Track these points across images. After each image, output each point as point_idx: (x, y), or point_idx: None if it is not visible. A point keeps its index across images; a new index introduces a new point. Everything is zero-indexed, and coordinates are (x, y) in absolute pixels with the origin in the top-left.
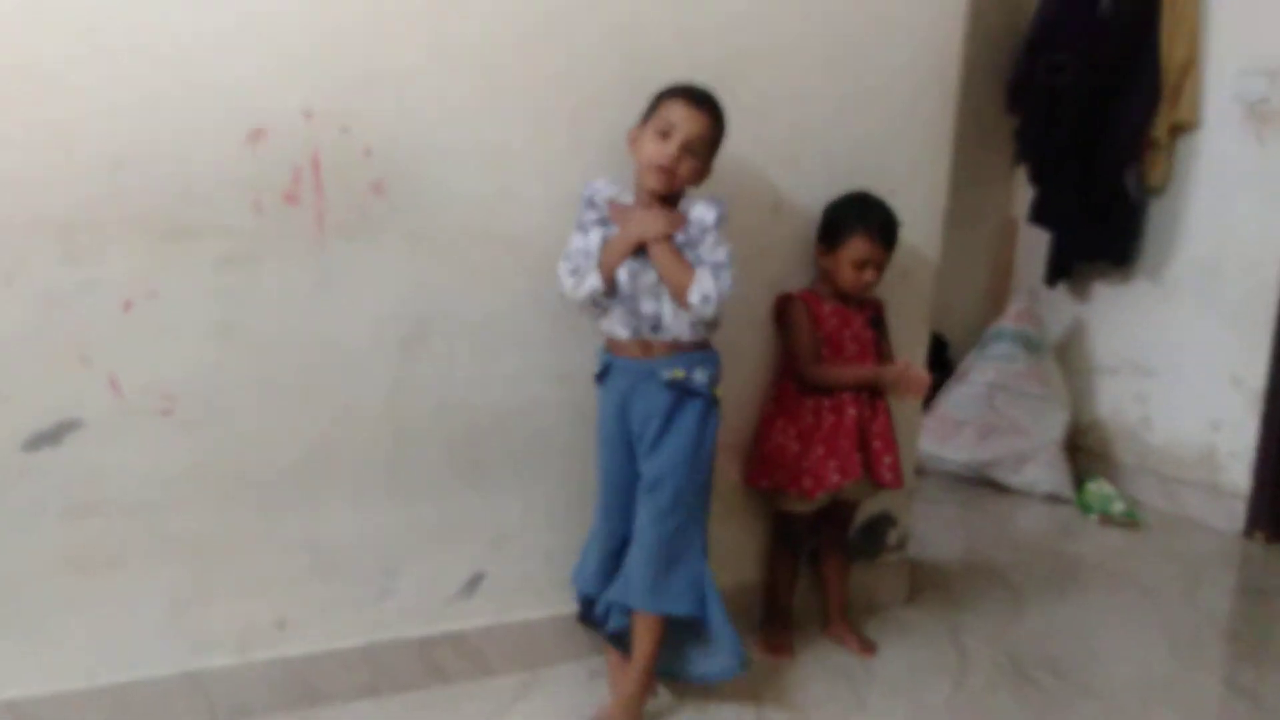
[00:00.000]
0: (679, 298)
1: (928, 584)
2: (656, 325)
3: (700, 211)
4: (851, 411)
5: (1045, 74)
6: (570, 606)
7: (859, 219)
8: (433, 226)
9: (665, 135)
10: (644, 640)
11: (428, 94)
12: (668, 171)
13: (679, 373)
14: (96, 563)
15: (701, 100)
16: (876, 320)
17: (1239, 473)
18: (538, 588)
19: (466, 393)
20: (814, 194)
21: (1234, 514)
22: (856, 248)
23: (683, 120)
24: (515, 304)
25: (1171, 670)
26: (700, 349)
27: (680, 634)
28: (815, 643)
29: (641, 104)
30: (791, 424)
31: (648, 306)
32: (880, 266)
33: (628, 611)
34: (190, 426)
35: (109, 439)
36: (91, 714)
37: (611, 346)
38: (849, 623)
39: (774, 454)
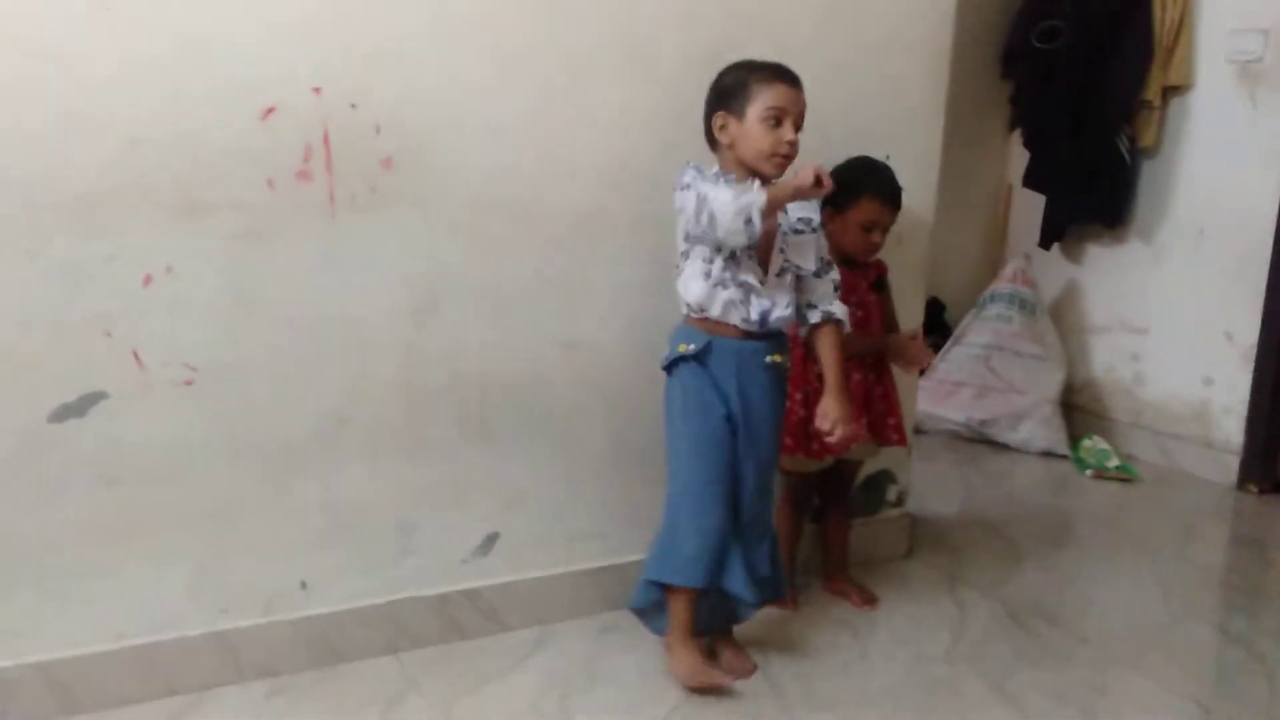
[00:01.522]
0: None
1: (927, 539)
2: (781, 328)
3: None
4: (856, 376)
5: (1038, 39)
6: (579, 564)
7: (869, 181)
8: (442, 200)
9: (778, 121)
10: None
11: (435, 69)
12: (791, 159)
13: (778, 357)
14: (123, 529)
15: (796, 78)
16: (880, 283)
17: (1231, 427)
18: (550, 545)
19: (477, 360)
20: (809, 158)
21: (1227, 467)
22: (865, 210)
23: (790, 103)
24: (524, 274)
25: (1165, 619)
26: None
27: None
28: (818, 597)
29: (643, 71)
30: (798, 388)
31: (781, 308)
32: (886, 230)
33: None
34: (210, 396)
35: (132, 410)
36: (122, 674)
37: (709, 326)
38: (850, 577)
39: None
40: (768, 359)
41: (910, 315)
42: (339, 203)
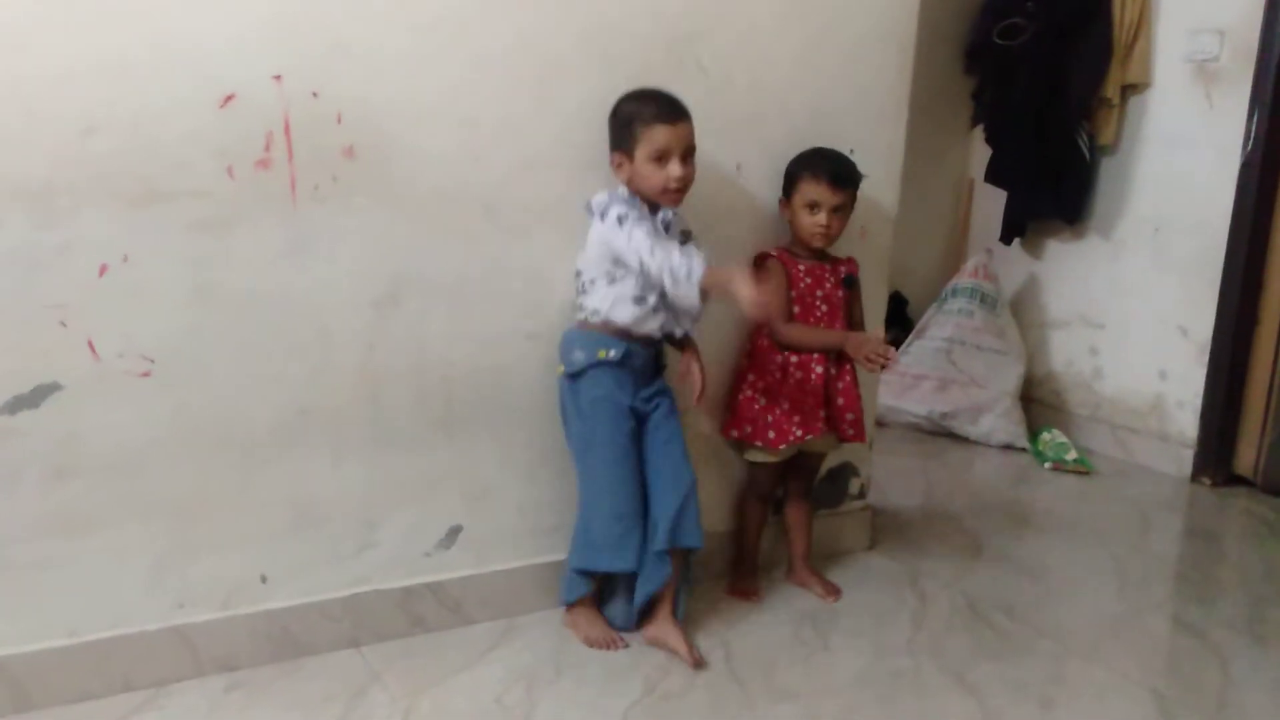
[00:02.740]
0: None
1: (888, 531)
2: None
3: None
4: (818, 370)
5: (1000, 36)
6: (545, 556)
7: (806, 163)
8: (404, 190)
9: (664, 160)
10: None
11: (397, 59)
12: (684, 190)
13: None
14: (79, 522)
15: (678, 113)
16: (850, 280)
17: (1186, 421)
18: (513, 539)
19: (440, 351)
20: (775, 155)
21: (1182, 460)
22: (805, 191)
23: (674, 141)
24: (486, 265)
25: (1122, 610)
26: None
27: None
28: (780, 588)
29: (609, 64)
30: (760, 378)
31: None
32: (836, 211)
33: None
34: (168, 387)
35: (88, 401)
36: (77, 669)
37: (626, 335)
38: (812, 568)
39: (742, 407)
40: (656, 353)
41: (873, 309)
42: (300, 192)
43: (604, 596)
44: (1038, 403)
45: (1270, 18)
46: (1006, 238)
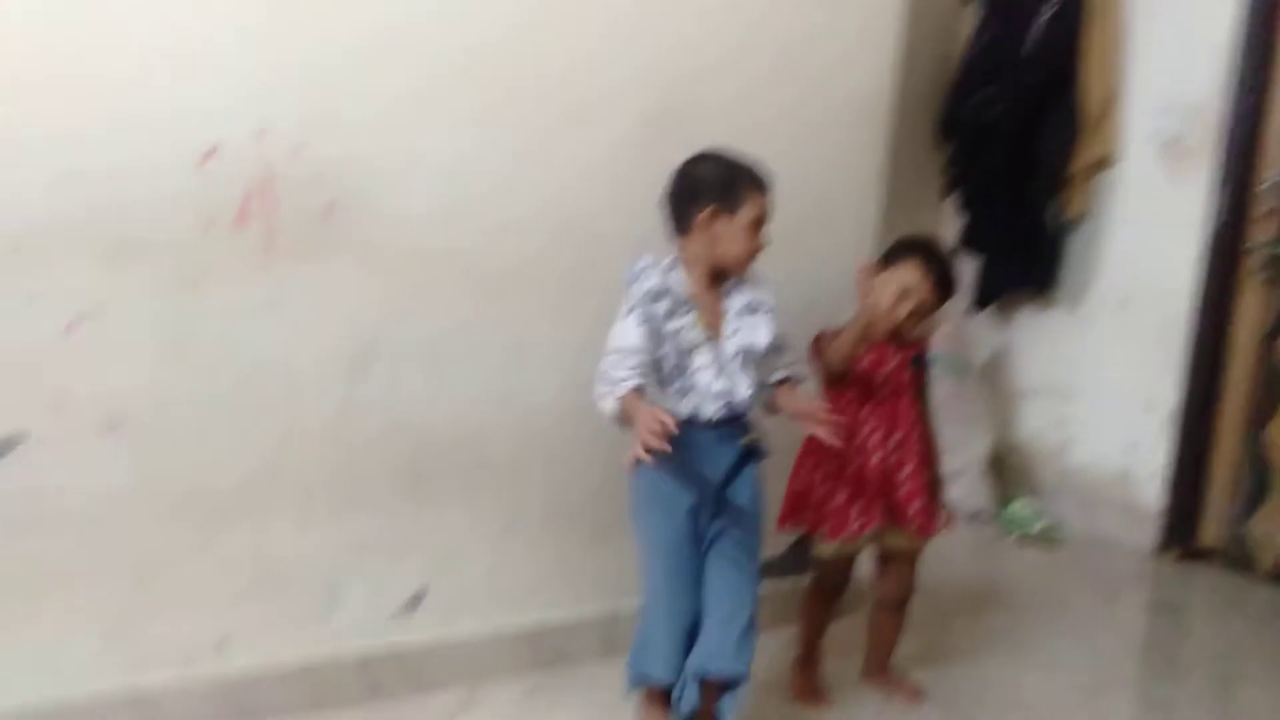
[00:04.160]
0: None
1: (859, 602)
2: (748, 408)
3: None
4: (877, 457)
5: (974, 108)
6: (511, 622)
7: (919, 251)
8: (383, 247)
9: (758, 228)
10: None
11: (379, 117)
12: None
13: (754, 437)
14: (37, 580)
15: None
16: (918, 359)
17: (1153, 493)
18: (479, 604)
19: (413, 412)
20: None
21: (1149, 532)
22: (903, 275)
23: (769, 212)
24: (463, 323)
25: (1090, 685)
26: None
27: None
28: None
29: (593, 131)
30: (819, 465)
31: (743, 389)
32: (923, 307)
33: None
34: (135, 444)
35: (53, 456)
36: None
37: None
38: (891, 671)
39: (800, 494)
40: (741, 441)
41: None
42: (277, 249)
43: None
44: (1007, 471)
45: (1233, 100)
46: (978, 306)
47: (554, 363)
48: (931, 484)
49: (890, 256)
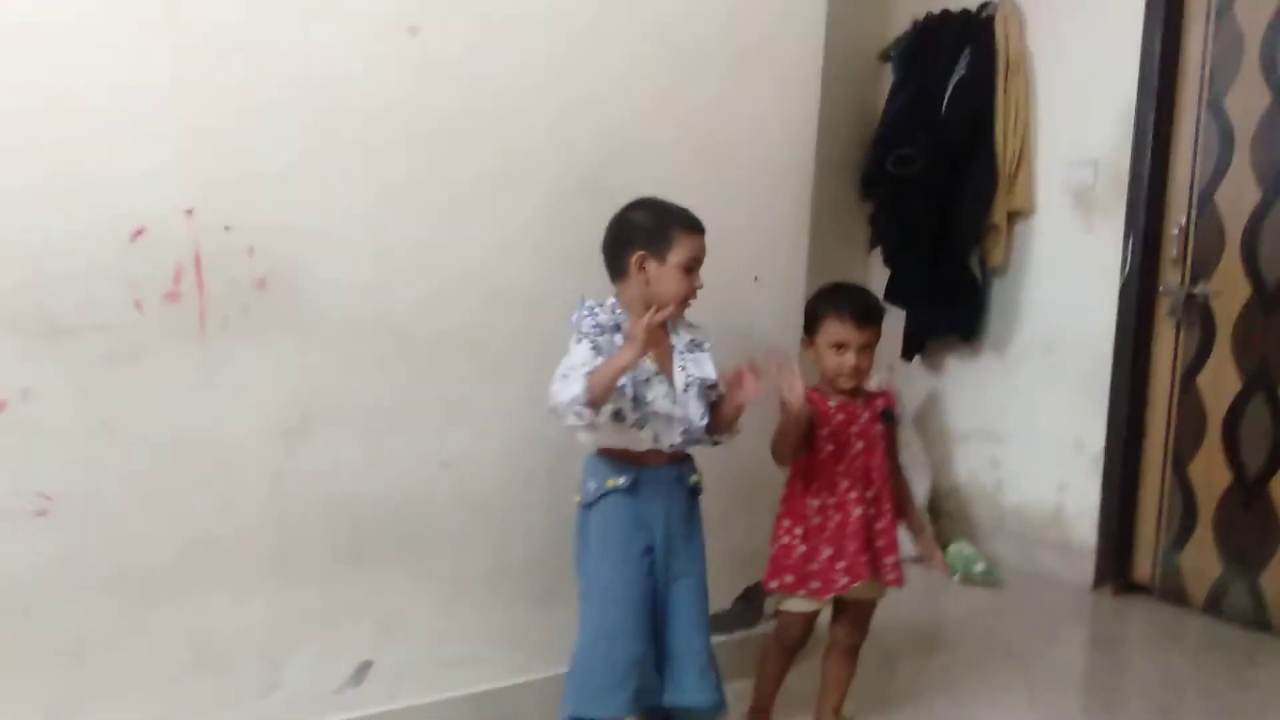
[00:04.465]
0: (729, 427)
1: (805, 650)
2: (702, 437)
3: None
4: (857, 511)
5: (894, 165)
6: (458, 688)
7: (829, 303)
8: (317, 320)
9: (690, 270)
10: None
11: (311, 191)
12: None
13: (696, 477)
14: None
15: (704, 228)
16: (888, 413)
17: (1085, 530)
18: (427, 672)
19: (351, 481)
20: None
21: (1083, 570)
22: (830, 332)
23: (702, 253)
24: (399, 393)
25: None
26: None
27: None
28: None
29: (522, 198)
30: (797, 524)
31: (696, 417)
32: (865, 349)
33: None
34: (66, 525)
35: None
36: None
37: (634, 457)
38: (842, 716)
39: (782, 555)
40: (690, 480)
41: None
42: (209, 324)
43: None
44: (945, 515)
45: (1138, 151)
46: (907, 354)
47: (492, 426)
48: (897, 535)
49: (810, 323)
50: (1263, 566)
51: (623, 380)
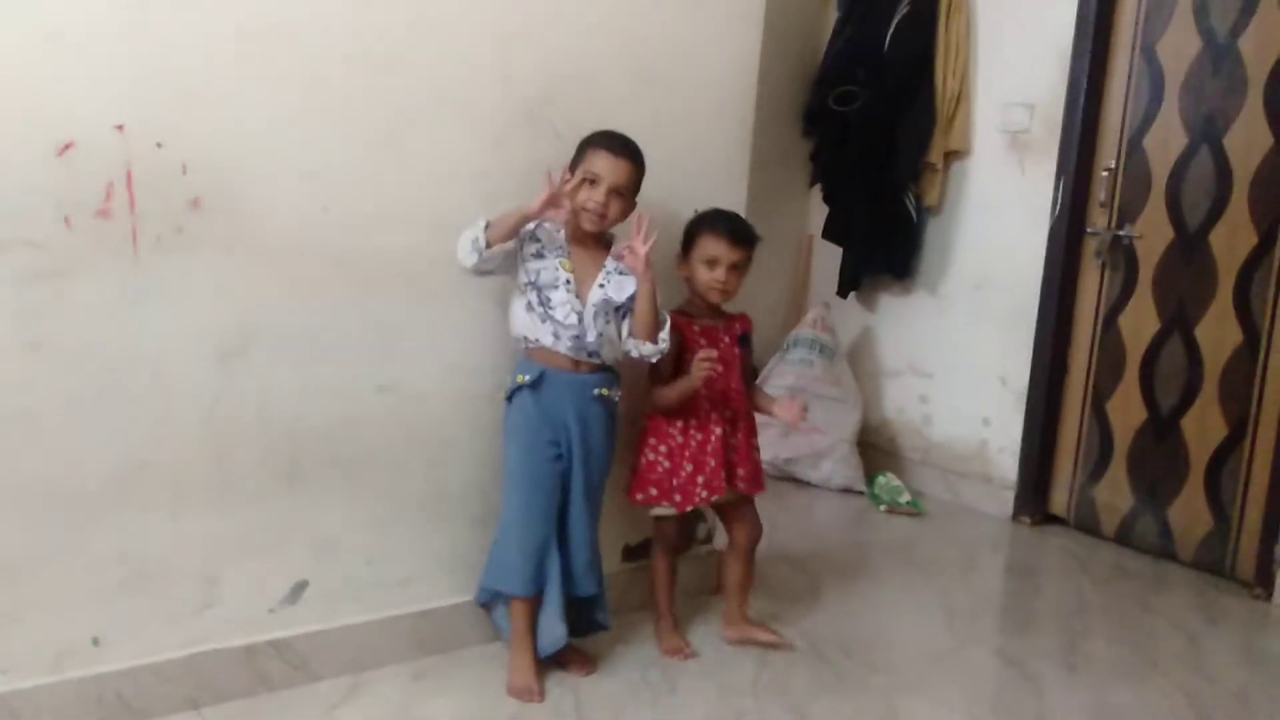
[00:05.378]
0: (648, 335)
1: (707, 565)
2: (596, 351)
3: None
4: (717, 431)
5: (835, 102)
6: (393, 610)
7: (705, 222)
8: (253, 242)
9: (592, 183)
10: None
11: (247, 112)
12: (599, 215)
13: (606, 390)
14: None
15: (620, 148)
16: (745, 338)
17: (1007, 464)
18: (361, 592)
19: (287, 404)
20: None
21: (1004, 502)
22: (704, 248)
23: (605, 170)
24: (337, 316)
25: (950, 645)
26: (612, 369)
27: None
28: (629, 633)
29: (464, 124)
30: (661, 442)
31: (592, 334)
32: (735, 267)
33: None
34: None
35: None
36: None
37: (542, 357)
38: (750, 619)
39: (646, 471)
40: (596, 391)
41: None
42: (142, 243)
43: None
44: (874, 448)
45: (1072, 95)
46: (843, 291)
47: (431, 351)
48: (756, 449)
49: (687, 241)
50: (1171, 499)
51: (527, 278)
